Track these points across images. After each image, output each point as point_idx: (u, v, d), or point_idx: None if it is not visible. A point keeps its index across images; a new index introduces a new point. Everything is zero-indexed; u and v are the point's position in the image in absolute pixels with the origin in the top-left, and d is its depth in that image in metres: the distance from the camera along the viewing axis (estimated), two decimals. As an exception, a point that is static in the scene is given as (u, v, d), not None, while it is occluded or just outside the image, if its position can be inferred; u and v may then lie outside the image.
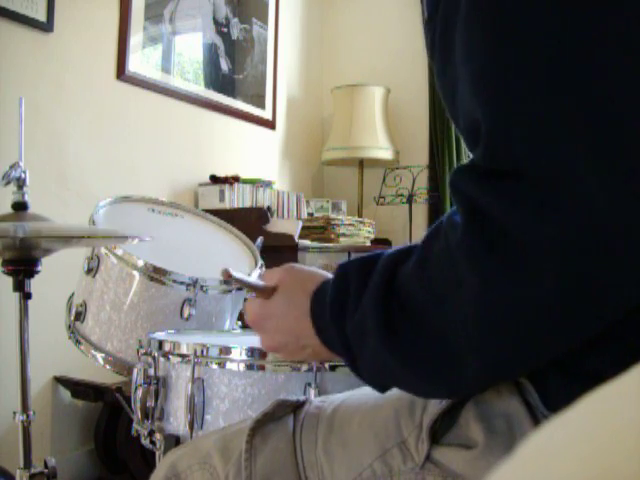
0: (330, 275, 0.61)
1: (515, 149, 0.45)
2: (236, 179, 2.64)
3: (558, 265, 0.43)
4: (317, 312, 0.59)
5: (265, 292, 0.64)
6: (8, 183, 1.18)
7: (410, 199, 3.13)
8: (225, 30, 2.84)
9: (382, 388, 0.59)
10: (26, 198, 1.20)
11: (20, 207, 1.19)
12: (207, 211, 1.69)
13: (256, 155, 3.07)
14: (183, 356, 1.02)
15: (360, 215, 3.26)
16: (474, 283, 0.46)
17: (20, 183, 1.19)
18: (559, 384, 0.52)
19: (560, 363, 0.51)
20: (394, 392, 0.64)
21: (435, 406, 0.58)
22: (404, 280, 0.51)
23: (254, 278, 0.68)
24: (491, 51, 0.46)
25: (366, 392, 0.69)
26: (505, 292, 0.45)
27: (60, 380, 2.06)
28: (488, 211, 0.45)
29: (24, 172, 1.19)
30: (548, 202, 0.43)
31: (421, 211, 3.23)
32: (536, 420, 0.54)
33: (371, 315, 0.52)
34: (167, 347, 1.04)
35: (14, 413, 1.18)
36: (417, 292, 0.50)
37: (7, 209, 1.20)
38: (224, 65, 2.84)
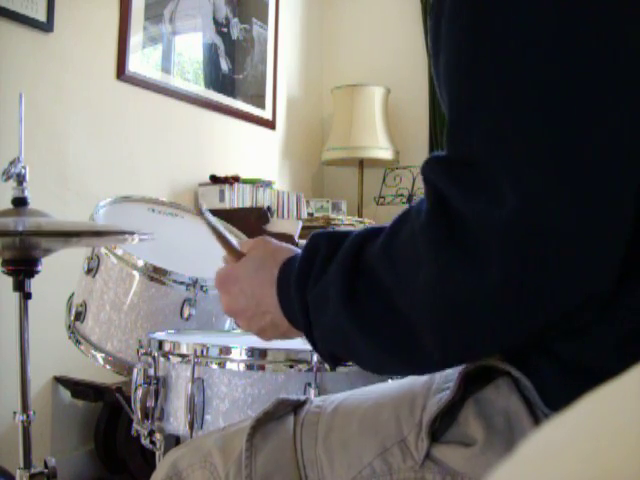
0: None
1: (471, 140, 0.47)
2: (236, 179, 2.64)
3: (503, 253, 0.45)
4: (282, 280, 0.61)
5: (235, 253, 0.65)
6: (8, 179, 1.18)
7: (410, 199, 3.13)
8: (225, 30, 2.84)
9: (333, 360, 0.60)
10: (26, 194, 1.19)
11: (20, 203, 1.19)
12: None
13: (256, 155, 3.07)
14: (183, 356, 1.02)
15: (360, 215, 3.26)
16: (432, 268, 0.48)
17: (20, 179, 1.19)
18: (557, 381, 0.52)
19: (558, 359, 0.52)
20: (394, 392, 0.65)
21: (435, 404, 0.58)
22: (370, 257, 0.53)
23: (229, 235, 0.69)
24: (462, 44, 0.48)
25: (366, 392, 0.70)
26: (458, 279, 0.47)
27: (60, 380, 2.06)
28: (449, 199, 0.48)
29: (24, 168, 1.19)
30: (497, 192, 0.45)
31: (421, 211, 3.23)
32: (535, 417, 0.54)
33: (335, 284, 0.53)
34: (167, 347, 1.04)
35: (14, 413, 1.18)
36: (381, 269, 0.52)
37: (7, 205, 1.20)
38: (224, 65, 2.84)
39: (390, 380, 0.83)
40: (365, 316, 0.52)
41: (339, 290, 0.53)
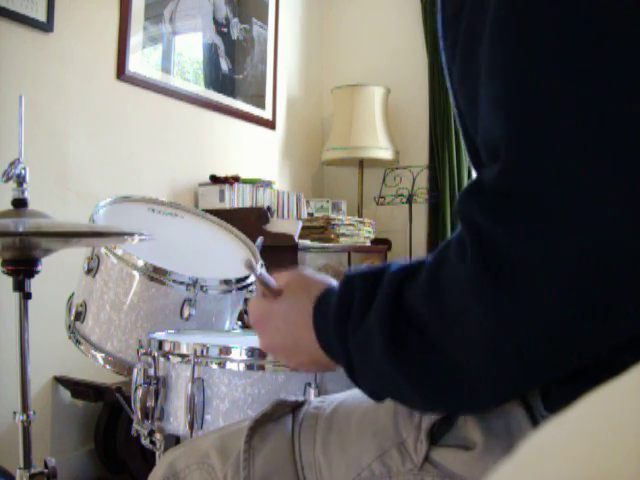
0: (335, 283, 0.60)
1: (533, 173, 0.43)
2: (236, 179, 2.64)
3: (559, 296, 0.43)
4: (319, 320, 0.58)
5: (273, 292, 0.64)
6: (8, 180, 1.18)
7: (410, 199, 3.13)
8: (225, 30, 2.84)
9: (379, 399, 0.58)
10: (26, 195, 1.19)
11: (20, 204, 1.19)
12: (207, 211, 1.69)
13: (256, 155, 3.07)
14: (183, 356, 1.02)
15: (360, 215, 3.26)
16: (479, 312, 0.45)
17: (20, 180, 1.19)
18: (560, 385, 0.52)
19: None
20: None
21: None
22: (412, 299, 0.51)
23: (265, 272, 0.68)
24: (522, 72, 0.44)
25: None
26: (508, 323, 0.45)
27: (60, 380, 2.06)
28: (495, 240, 0.45)
29: (24, 169, 1.19)
30: (559, 232, 0.42)
31: (421, 211, 3.23)
32: (535, 421, 0.53)
33: (376, 332, 0.51)
34: (167, 347, 1.04)
35: (14, 413, 1.18)
36: (426, 313, 0.49)
37: (7, 206, 1.20)
38: (224, 65, 2.84)
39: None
40: (411, 364, 0.50)
41: (381, 338, 0.51)
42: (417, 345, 0.49)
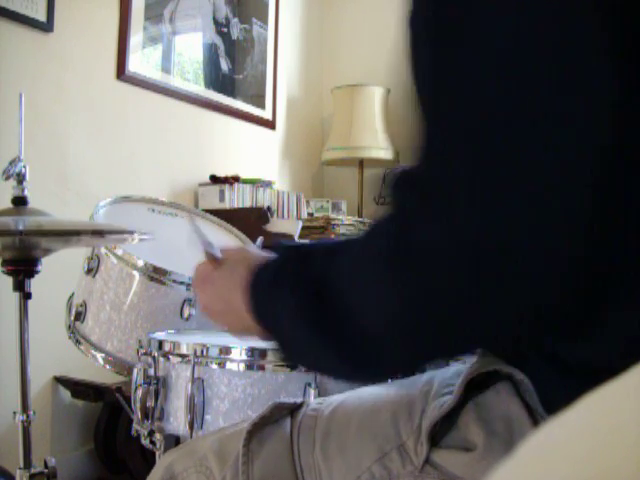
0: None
1: (432, 160, 0.49)
2: (236, 179, 2.64)
3: (446, 270, 0.46)
4: (251, 285, 0.62)
5: (215, 261, 0.71)
6: (8, 178, 1.18)
7: (410, 199, 3.13)
8: (225, 30, 2.84)
9: (292, 362, 0.64)
10: (26, 193, 1.19)
11: (20, 202, 1.19)
12: (207, 211, 1.69)
13: (256, 155, 3.07)
14: (183, 356, 1.02)
15: (360, 215, 3.25)
16: (385, 287, 0.49)
17: (20, 178, 1.19)
18: (558, 385, 0.52)
19: (559, 363, 0.51)
20: (392, 395, 0.65)
21: (435, 409, 0.58)
22: (331, 274, 0.54)
23: (212, 242, 0.75)
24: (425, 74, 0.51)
25: (363, 394, 0.69)
26: (409, 299, 0.48)
27: (60, 380, 2.06)
28: (408, 219, 0.49)
29: (24, 167, 1.19)
30: (444, 212, 0.46)
31: (421, 211, 3.23)
32: (536, 422, 0.53)
33: (299, 298, 0.55)
34: (167, 347, 1.04)
35: (14, 413, 1.18)
36: (344, 284, 0.53)
37: (7, 204, 1.20)
38: (224, 65, 2.84)
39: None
40: (325, 328, 0.54)
41: (302, 306, 0.55)
42: (333, 312, 0.53)
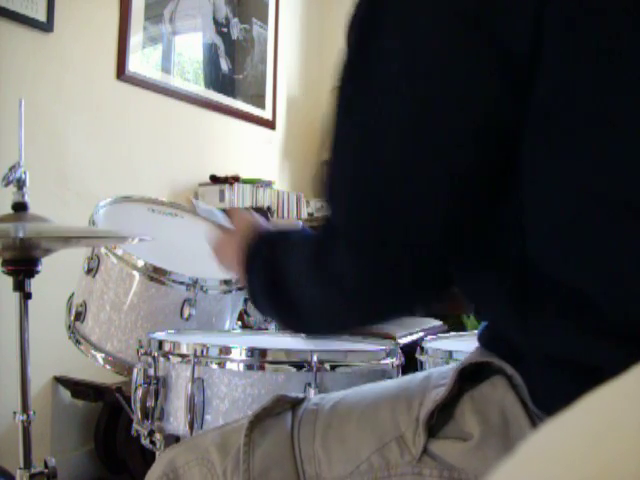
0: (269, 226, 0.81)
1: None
2: (236, 179, 2.64)
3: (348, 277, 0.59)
4: (245, 252, 0.75)
5: (226, 230, 0.85)
6: (8, 184, 1.18)
7: (410, 199, 3.13)
8: (225, 30, 2.84)
9: (258, 309, 0.76)
10: (26, 199, 1.20)
11: (20, 208, 1.19)
12: (207, 211, 1.69)
13: (256, 155, 3.07)
14: (183, 356, 1.02)
15: (360, 215, 3.25)
16: (310, 277, 0.64)
17: (20, 184, 1.19)
18: (559, 385, 0.52)
19: (549, 359, 0.52)
20: (392, 390, 0.67)
21: (431, 400, 0.59)
22: (282, 264, 0.68)
23: (219, 216, 0.86)
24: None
25: (364, 391, 0.71)
26: (322, 290, 0.62)
27: (60, 380, 2.06)
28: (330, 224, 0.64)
29: (24, 173, 1.19)
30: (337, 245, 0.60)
31: (421, 211, 3.23)
32: (530, 414, 0.55)
33: (263, 273, 0.70)
34: (167, 347, 1.04)
35: (14, 413, 1.18)
36: (287, 276, 0.67)
37: (7, 210, 1.20)
38: (224, 65, 2.84)
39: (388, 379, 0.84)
40: (274, 297, 0.68)
41: (263, 279, 0.70)
42: (281, 290, 0.67)
